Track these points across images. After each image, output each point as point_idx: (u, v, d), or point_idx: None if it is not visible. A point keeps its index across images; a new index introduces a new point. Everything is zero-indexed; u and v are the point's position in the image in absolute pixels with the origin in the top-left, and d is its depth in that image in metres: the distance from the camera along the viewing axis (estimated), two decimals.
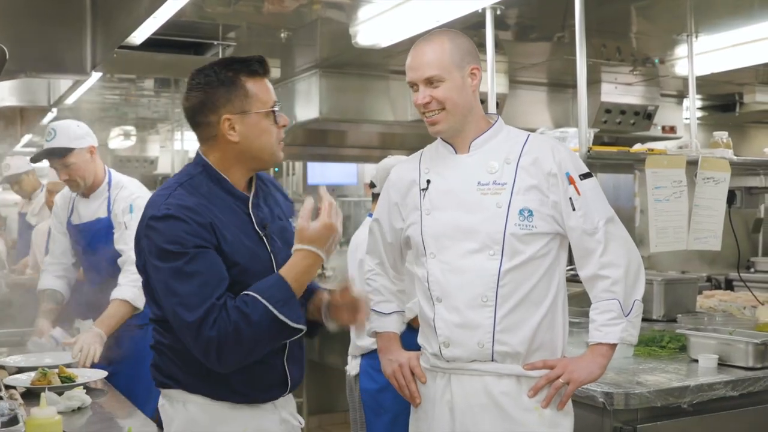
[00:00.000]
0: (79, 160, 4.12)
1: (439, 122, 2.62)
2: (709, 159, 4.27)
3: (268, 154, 2.46)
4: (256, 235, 2.45)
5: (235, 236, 2.38)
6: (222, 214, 2.38)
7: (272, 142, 2.45)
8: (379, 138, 8.82)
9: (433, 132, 2.67)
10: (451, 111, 2.60)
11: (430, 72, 2.58)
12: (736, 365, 3.38)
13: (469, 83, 2.62)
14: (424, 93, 2.60)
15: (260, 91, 2.42)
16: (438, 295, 2.64)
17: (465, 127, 2.66)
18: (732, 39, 5.87)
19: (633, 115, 7.61)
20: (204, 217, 2.32)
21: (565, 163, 2.60)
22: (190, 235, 2.29)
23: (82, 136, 4.15)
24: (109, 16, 4.18)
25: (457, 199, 2.63)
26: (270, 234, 2.47)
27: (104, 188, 4.21)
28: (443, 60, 2.58)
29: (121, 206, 4.13)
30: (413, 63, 2.63)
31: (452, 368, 2.65)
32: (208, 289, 2.26)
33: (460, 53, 2.60)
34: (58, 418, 2.18)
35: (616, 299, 2.60)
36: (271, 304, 2.25)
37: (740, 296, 5.42)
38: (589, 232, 2.60)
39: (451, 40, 2.62)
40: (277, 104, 2.46)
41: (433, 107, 2.60)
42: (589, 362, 2.62)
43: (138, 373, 4.14)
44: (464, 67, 2.60)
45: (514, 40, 6.15)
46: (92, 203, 4.23)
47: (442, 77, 2.57)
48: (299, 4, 5.06)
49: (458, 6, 4.36)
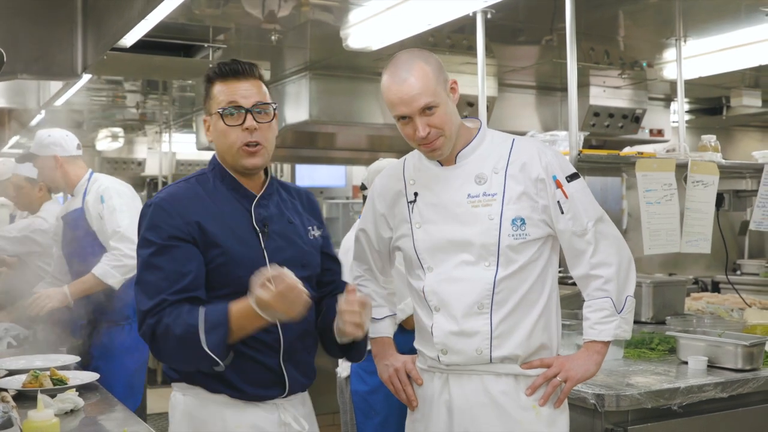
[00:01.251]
0: (43, 166, 4.53)
1: (440, 147, 2.58)
2: (699, 162, 4.29)
3: (230, 156, 2.49)
4: (253, 231, 2.48)
5: (227, 229, 2.44)
6: (219, 208, 2.47)
7: (229, 144, 2.47)
8: (368, 140, 8.82)
9: (433, 157, 2.63)
10: (450, 134, 2.57)
11: (423, 101, 2.50)
12: (726, 367, 3.40)
13: (452, 98, 2.60)
14: (422, 125, 2.51)
15: (220, 92, 2.47)
16: (435, 305, 2.64)
17: (455, 142, 2.63)
18: (720, 43, 5.92)
19: (621, 119, 7.65)
20: (189, 210, 2.41)
21: (552, 167, 2.60)
22: (169, 226, 2.39)
23: (48, 145, 4.47)
24: (100, 18, 4.17)
25: (448, 213, 2.62)
26: (269, 232, 2.49)
27: (83, 184, 4.49)
28: (430, 85, 2.50)
29: (92, 198, 4.38)
30: (403, 97, 2.51)
31: (450, 369, 2.66)
32: (165, 283, 2.34)
33: (437, 73, 2.54)
34: (55, 420, 2.17)
35: (608, 297, 2.62)
36: (201, 321, 2.27)
37: (728, 298, 5.45)
38: (579, 233, 2.60)
39: (426, 62, 2.54)
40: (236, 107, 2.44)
41: (433, 135, 2.54)
42: (585, 360, 2.64)
43: (116, 370, 4.31)
44: (446, 84, 2.57)
45: (503, 43, 6.18)
46: (75, 198, 4.52)
47: (436, 102, 2.51)
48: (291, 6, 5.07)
49: (448, 9, 4.37)
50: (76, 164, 4.53)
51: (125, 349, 4.40)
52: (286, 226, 2.56)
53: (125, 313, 4.43)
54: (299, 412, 2.58)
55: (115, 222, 4.27)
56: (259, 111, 2.47)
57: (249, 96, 2.46)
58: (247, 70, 2.48)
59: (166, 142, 10.63)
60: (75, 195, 4.51)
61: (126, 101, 9.05)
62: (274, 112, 2.52)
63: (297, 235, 2.57)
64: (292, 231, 2.57)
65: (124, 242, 4.22)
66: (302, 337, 2.53)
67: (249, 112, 2.45)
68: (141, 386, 4.59)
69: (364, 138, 8.78)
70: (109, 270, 4.21)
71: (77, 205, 4.45)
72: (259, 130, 2.46)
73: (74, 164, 4.52)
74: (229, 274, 2.41)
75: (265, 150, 2.49)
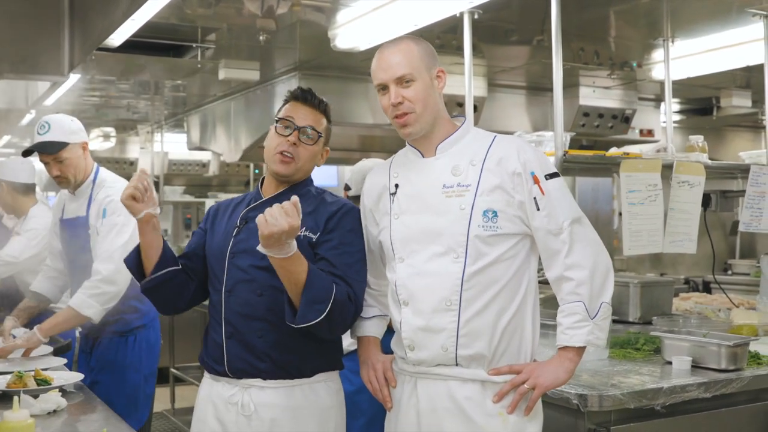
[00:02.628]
0: (72, 156, 4.07)
1: (410, 124, 2.62)
2: (684, 163, 4.30)
3: (268, 157, 2.86)
4: (235, 227, 2.88)
5: (221, 226, 2.93)
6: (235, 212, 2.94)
7: (270, 147, 2.84)
8: (359, 140, 8.83)
9: (404, 134, 2.67)
10: (422, 113, 2.60)
11: (401, 71, 2.59)
12: (710, 367, 3.41)
13: (436, 85, 2.65)
14: (396, 93, 2.60)
15: (287, 108, 2.88)
16: (404, 299, 2.64)
17: (432, 130, 2.66)
18: (707, 44, 5.94)
19: (611, 119, 7.66)
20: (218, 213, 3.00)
21: (531, 163, 2.59)
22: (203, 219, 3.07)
23: (76, 131, 4.11)
24: (86, 18, 4.17)
25: (423, 203, 2.63)
26: (243, 227, 2.86)
27: (89, 185, 4.15)
28: (413, 60, 2.60)
29: (95, 209, 4.07)
30: (382, 64, 2.64)
31: (418, 372, 2.66)
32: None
33: (426, 55, 2.64)
34: (30, 421, 2.18)
35: (581, 301, 2.58)
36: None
37: (716, 298, 5.47)
38: (554, 232, 2.58)
39: (416, 43, 2.66)
40: (289, 121, 2.80)
41: (404, 108, 2.60)
42: (556, 367, 2.60)
43: (119, 383, 4.12)
44: (431, 69, 2.63)
45: (493, 43, 6.18)
46: (77, 200, 4.18)
47: (414, 76, 2.59)
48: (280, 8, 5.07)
49: (436, 10, 4.38)
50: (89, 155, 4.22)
51: (128, 364, 4.17)
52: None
53: (132, 324, 4.21)
54: (268, 400, 2.74)
55: (108, 241, 3.96)
56: (309, 136, 2.82)
57: (304, 118, 2.82)
58: (314, 101, 2.88)
59: (158, 141, 10.63)
60: (78, 196, 4.18)
61: (118, 101, 9.05)
62: (319, 139, 2.85)
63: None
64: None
65: (106, 264, 3.90)
66: (246, 318, 2.76)
67: (297, 130, 2.80)
68: (147, 402, 4.32)
69: (355, 138, 8.79)
70: (86, 300, 3.87)
71: (81, 213, 4.14)
72: (299, 146, 2.81)
73: (88, 155, 4.21)
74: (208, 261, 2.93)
75: (294, 164, 2.82)
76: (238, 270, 2.80)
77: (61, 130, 4.04)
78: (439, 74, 2.66)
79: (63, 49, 4.35)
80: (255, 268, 2.76)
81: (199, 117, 9.15)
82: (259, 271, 2.75)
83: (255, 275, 2.77)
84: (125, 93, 8.54)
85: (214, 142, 8.82)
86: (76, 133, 4.10)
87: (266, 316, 2.75)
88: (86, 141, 4.16)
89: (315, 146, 2.85)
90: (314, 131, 2.82)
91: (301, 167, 2.85)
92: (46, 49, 4.34)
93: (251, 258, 2.74)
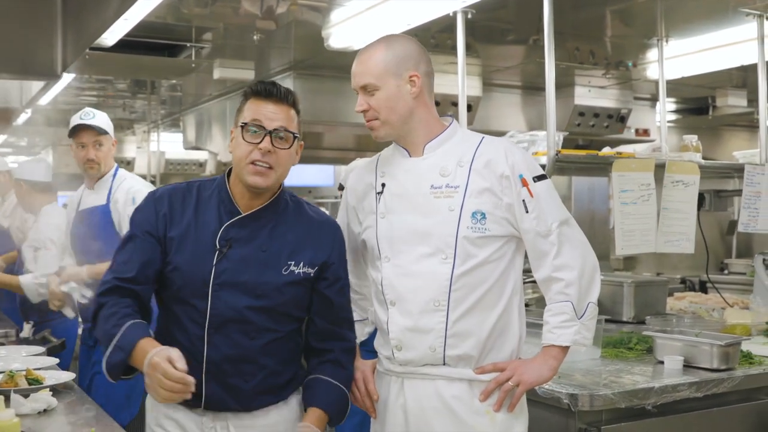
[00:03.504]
0: (107, 146, 4.42)
1: (376, 129, 2.63)
2: (677, 162, 4.30)
3: (239, 169, 2.53)
4: (213, 249, 2.52)
5: (189, 241, 2.54)
6: (196, 218, 2.56)
7: (240, 157, 2.51)
8: (355, 140, 8.85)
9: (373, 137, 2.69)
10: (386, 119, 2.60)
11: (364, 80, 2.59)
12: (701, 367, 3.40)
13: (408, 90, 2.60)
14: (360, 100, 2.62)
15: (249, 108, 2.53)
16: (392, 299, 2.63)
17: (410, 132, 2.66)
18: (702, 44, 5.94)
19: (606, 118, 7.68)
20: (168, 212, 2.56)
21: (519, 166, 2.60)
22: (145, 219, 2.57)
23: (112, 127, 4.48)
24: (79, 18, 4.18)
25: (411, 203, 2.63)
26: (227, 252, 2.52)
27: (108, 179, 4.43)
28: (376, 68, 2.57)
29: (122, 197, 4.32)
30: (354, 69, 2.64)
31: (405, 372, 2.66)
32: (122, 267, 2.53)
33: (396, 61, 2.59)
34: (16, 420, 2.18)
35: (569, 301, 2.60)
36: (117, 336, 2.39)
37: (710, 298, 5.46)
38: (543, 234, 2.59)
39: (388, 47, 2.61)
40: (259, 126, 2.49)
41: (369, 115, 2.61)
42: (540, 364, 2.62)
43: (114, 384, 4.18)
44: (401, 74, 2.59)
45: (489, 42, 6.19)
46: (95, 194, 4.44)
47: (376, 86, 2.57)
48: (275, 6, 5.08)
49: (429, 9, 4.39)
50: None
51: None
52: (252, 252, 2.54)
53: None
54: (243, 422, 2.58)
55: None
56: (281, 136, 2.51)
57: (274, 119, 2.50)
58: (280, 94, 2.52)
59: (155, 141, 10.64)
60: (97, 189, 4.43)
61: (114, 100, 9.07)
62: (294, 140, 2.55)
63: (263, 264, 2.54)
64: (258, 258, 2.54)
65: None
66: (235, 362, 2.51)
67: (269, 134, 2.49)
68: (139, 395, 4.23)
69: (351, 137, 8.81)
70: None
71: (100, 202, 4.39)
72: (273, 153, 2.49)
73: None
74: (174, 282, 2.53)
75: (274, 173, 2.52)
76: (226, 307, 2.50)
77: (104, 121, 4.41)
78: (412, 78, 2.60)
79: (56, 48, 4.36)
80: (250, 309, 2.51)
81: (195, 116, 9.16)
82: (254, 312, 2.51)
83: (249, 316, 2.51)
84: (121, 92, 8.55)
85: (210, 141, 8.83)
86: (112, 129, 4.47)
87: (258, 358, 2.54)
88: (115, 140, 4.52)
89: (291, 148, 2.56)
90: (288, 132, 2.53)
91: (280, 176, 2.56)
92: (38, 49, 4.35)
93: (244, 297, 2.50)
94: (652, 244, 4.13)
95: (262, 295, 2.51)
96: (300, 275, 2.56)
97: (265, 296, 2.52)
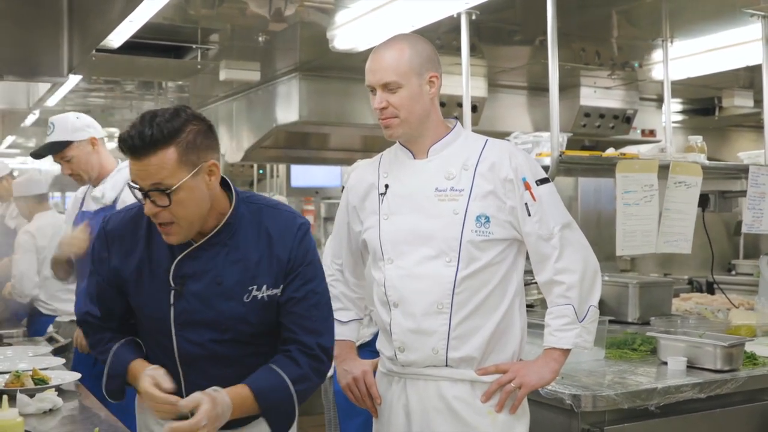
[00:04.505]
0: (79, 153, 3.99)
1: (393, 127, 2.62)
2: (681, 163, 4.29)
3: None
4: (168, 287, 2.37)
5: (143, 279, 2.41)
6: (148, 251, 2.41)
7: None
8: (362, 141, 8.85)
9: (387, 136, 2.67)
10: (406, 118, 2.60)
11: (387, 78, 2.57)
12: (705, 368, 3.40)
13: (427, 91, 2.61)
14: (380, 97, 2.59)
15: (130, 168, 2.29)
16: (394, 301, 2.64)
17: (422, 134, 2.66)
18: (707, 44, 5.93)
19: (612, 119, 7.67)
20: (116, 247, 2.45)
21: (522, 169, 2.61)
22: (98, 260, 2.51)
23: (82, 127, 4.01)
24: (85, 20, 4.19)
25: (414, 205, 2.63)
26: (183, 292, 2.35)
27: (110, 179, 4.03)
28: (401, 66, 2.57)
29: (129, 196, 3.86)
30: (372, 66, 2.61)
31: (407, 373, 2.67)
32: (88, 301, 2.54)
33: (419, 60, 2.59)
34: (20, 420, 2.19)
35: (570, 305, 2.61)
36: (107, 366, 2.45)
37: (716, 299, 5.45)
38: (545, 237, 2.61)
39: (411, 46, 2.61)
40: (137, 186, 2.25)
41: (388, 113, 2.59)
42: (541, 366, 2.63)
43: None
44: (423, 74, 2.60)
45: (495, 43, 6.19)
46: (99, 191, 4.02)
47: (400, 83, 2.56)
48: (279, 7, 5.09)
49: (433, 11, 4.39)
50: (106, 150, 4.11)
51: None
52: (208, 287, 2.35)
53: None
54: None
55: None
56: (158, 199, 2.22)
57: (145, 177, 2.21)
58: (144, 146, 2.17)
59: None
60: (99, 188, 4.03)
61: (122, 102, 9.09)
62: (174, 189, 2.20)
63: (223, 298, 2.35)
64: (215, 293, 2.35)
65: None
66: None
67: (146, 196, 2.23)
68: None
69: (357, 138, 8.81)
70: None
71: (107, 203, 3.97)
72: (163, 211, 2.23)
73: (104, 150, 4.10)
74: (139, 320, 2.51)
75: (178, 227, 2.26)
76: (192, 345, 2.38)
77: (64, 129, 3.97)
78: (432, 79, 2.62)
79: (62, 50, 4.36)
80: (216, 342, 2.37)
81: None
82: (223, 345, 2.38)
83: (218, 351, 2.38)
84: (129, 94, 8.57)
85: None
86: (82, 129, 4.00)
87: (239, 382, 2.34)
88: (95, 136, 4.03)
89: (183, 193, 2.21)
90: (160, 191, 2.19)
91: (194, 223, 2.28)
92: (45, 51, 4.36)
93: (207, 332, 2.36)
94: (653, 245, 4.13)
95: (227, 328, 2.37)
96: (265, 298, 2.37)
97: (230, 329, 2.37)
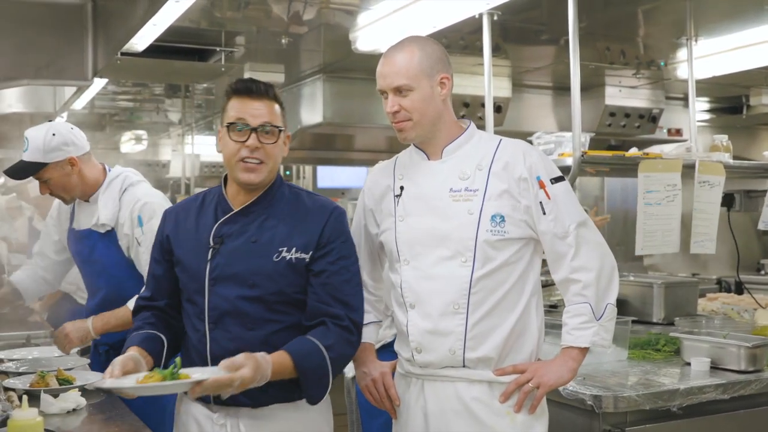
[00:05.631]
0: (56, 175, 3.58)
1: (406, 130, 2.62)
2: (706, 162, 4.27)
3: (230, 168, 2.60)
4: (207, 246, 2.61)
5: (190, 243, 2.66)
6: (196, 223, 2.68)
7: (229, 156, 2.57)
8: (387, 141, 8.85)
9: (401, 139, 2.68)
10: (419, 121, 2.60)
11: (398, 81, 2.57)
12: (729, 368, 3.38)
13: (439, 92, 2.62)
14: (392, 101, 2.60)
15: (232, 107, 2.57)
16: (411, 302, 2.65)
17: (435, 135, 2.67)
18: (732, 42, 5.88)
19: (638, 118, 7.62)
20: (173, 224, 2.73)
21: (536, 167, 2.61)
22: (155, 243, 2.79)
23: (57, 147, 3.54)
24: (109, 24, 4.23)
25: (429, 206, 2.64)
26: (220, 248, 2.59)
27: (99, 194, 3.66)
28: (412, 69, 2.57)
29: (126, 216, 3.59)
30: (383, 71, 2.63)
31: (425, 374, 2.67)
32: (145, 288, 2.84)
33: (429, 62, 2.59)
34: (39, 419, 2.20)
35: (587, 303, 2.60)
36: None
37: (743, 299, 5.41)
38: (560, 235, 2.60)
39: (421, 48, 2.61)
40: (244, 123, 2.53)
41: (401, 116, 2.60)
42: (560, 366, 2.62)
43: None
44: (433, 76, 2.60)
45: (519, 43, 6.18)
46: (92, 207, 3.69)
47: (411, 87, 2.57)
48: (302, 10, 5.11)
49: (455, 11, 4.39)
50: (91, 163, 3.67)
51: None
52: (243, 245, 2.58)
53: None
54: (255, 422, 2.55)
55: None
56: (267, 131, 2.54)
57: (258, 115, 2.54)
58: (261, 90, 2.56)
59: (189, 144, 10.70)
60: (92, 203, 3.69)
61: (149, 104, 9.16)
62: (279, 133, 2.58)
63: (255, 255, 2.56)
64: (248, 250, 2.57)
65: None
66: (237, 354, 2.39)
67: (254, 131, 2.53)
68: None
69: (382, 139, 8.81)
70: None
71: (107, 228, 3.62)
72: (261, 148, 2.54)
73: (90, 164, 3.66)
74: (181, 280, 2.69)
75: (265, 167, 2.57)
76: (222, 300, 2.55)
77: (36, 149, 3.53)
78: (443, 80, 2.63)
79: (86, 54, 4.41)
80: (243, 299, 2.54)
81: None
82: (249, 303, 2.54)
83: (244, 308, 2.54)
84: (157, 96, 8.64)
85: None
86: (58, 149, 3.54)
87: (261, 349, 2.44)
88: (73, 156, 3.58)
89: (278, 141, 2.59)
90: (273, 127, 2.56)
91: (272, 169, 2.60)
92: (70, 55, 4.41)
93: (237, 287, 2.54)
94: (674, 245, 4.10)
95: (255, 284, 2.54)
96: (293, 260, 2.56)
97: (258, 285, 2.54)
